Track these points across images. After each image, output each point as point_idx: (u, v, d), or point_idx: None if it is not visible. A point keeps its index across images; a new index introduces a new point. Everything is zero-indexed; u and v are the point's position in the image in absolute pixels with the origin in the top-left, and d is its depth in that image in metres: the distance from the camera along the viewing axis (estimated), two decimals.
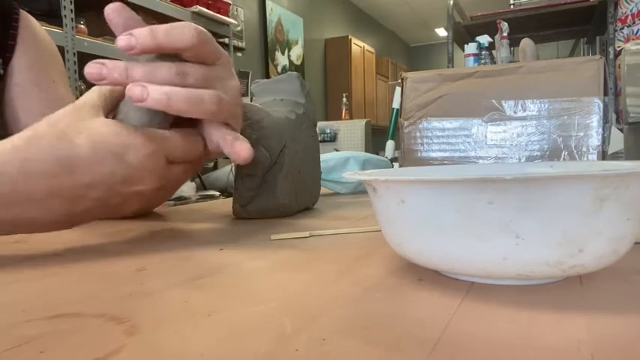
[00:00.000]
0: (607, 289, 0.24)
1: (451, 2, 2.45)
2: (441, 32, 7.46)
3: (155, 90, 0.34)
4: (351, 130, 3.43)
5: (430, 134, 0.68)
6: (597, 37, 2.81)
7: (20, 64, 0.60)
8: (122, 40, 0.34)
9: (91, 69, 0.34)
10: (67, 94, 0.65)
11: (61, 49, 1.96)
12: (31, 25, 0.62)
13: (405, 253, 0.25)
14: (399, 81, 0.73)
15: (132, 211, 0.38)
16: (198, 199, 2.34)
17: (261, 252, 0.34)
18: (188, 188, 2.47)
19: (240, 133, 0.48)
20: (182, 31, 0.34)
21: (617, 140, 0.98)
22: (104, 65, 0.34)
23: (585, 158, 0.59)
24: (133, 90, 0.34)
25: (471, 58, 2.30)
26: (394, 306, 0.22)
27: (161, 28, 0.34)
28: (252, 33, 4.24)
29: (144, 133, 0.35)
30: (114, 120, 0.36)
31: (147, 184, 0.36)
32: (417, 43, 8.45)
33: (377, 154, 1.08)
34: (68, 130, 0.33)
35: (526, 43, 1.84)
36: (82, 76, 2.07)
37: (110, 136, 0.34)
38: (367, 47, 6.01)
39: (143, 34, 0.34)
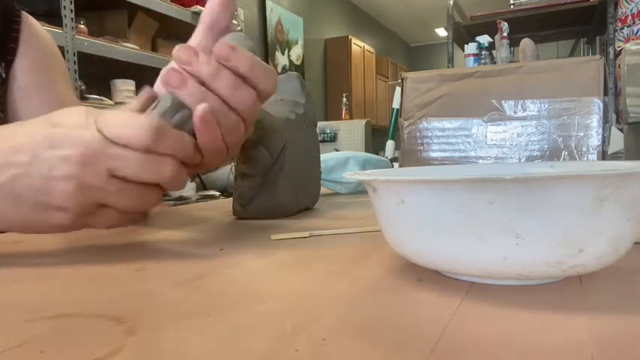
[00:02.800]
0: (607, 289, 0.24)
1: (451, 2, 2.45)
2: (441, 32, 7.45)
3: (194, 86, 0.34)
4: (351, 130, 3.43)
5: (430, 134, 0.68)
6: (597, 37, 2.81)
7: (22, 66, 0.60)
8: (221, 48, 0.34)
9: (179, 52, 0.34)
10: (69, 95, 0.65)
11: (61, 49, 1.95)
12: (32, 26, 0.62)
13: (405, 253, 0.25)
14: (399, 81, 0.73)
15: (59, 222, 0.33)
16: (198, 199, 2.34)
17: (261, 252, 0.34)
18: (188, 188, 2.47)
19: None
20: (268, 73, 0.36)
21: (617, 140, 0.98)
22: (196, 54, 0.35)
23: (585, 158, 0.59)
24: (169, 74, 0.34)
25: (471, 58, 2.30)
26: (394, 306, 0.22)
27: (260, 66, 0.36)
28: (252, 33, 4.24)
29: (93, 139, 0.31)
30: (89, 117, 0.33)
31: (61, 191, 0.31)
32: (417, 43, 8.44)
33: (377, 154, 1.08)
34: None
35: (526, 43, 1.84)
36: (81, 77, 2.07)
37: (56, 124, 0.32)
38: (367, 47, 6.00)
39: (244, 58, 0.35)
